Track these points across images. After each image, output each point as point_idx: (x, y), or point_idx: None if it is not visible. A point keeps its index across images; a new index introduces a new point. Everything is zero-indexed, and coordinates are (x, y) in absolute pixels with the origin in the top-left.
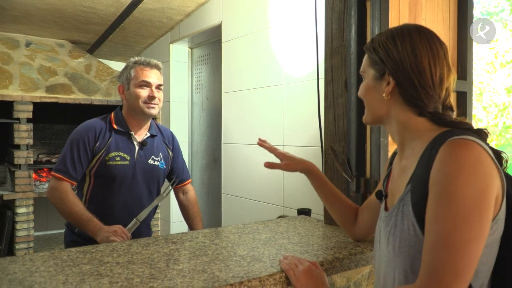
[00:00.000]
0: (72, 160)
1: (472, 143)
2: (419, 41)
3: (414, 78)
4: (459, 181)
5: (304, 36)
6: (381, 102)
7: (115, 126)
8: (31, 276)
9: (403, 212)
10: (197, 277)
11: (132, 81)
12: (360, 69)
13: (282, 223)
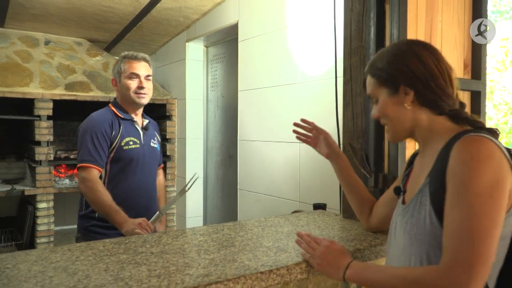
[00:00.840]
0: (95, 148)
1: (486, 139)
2: (418, 49)
3: (430, 82)
4: (474, 171)
5: (320, 36)
6: (405, 113)
7: (120, 115)
8: (73, 264)
9: (421, 202)
10: (229, 265)
11: (123, 74)
12: (368, 92)
13: (302, 217)
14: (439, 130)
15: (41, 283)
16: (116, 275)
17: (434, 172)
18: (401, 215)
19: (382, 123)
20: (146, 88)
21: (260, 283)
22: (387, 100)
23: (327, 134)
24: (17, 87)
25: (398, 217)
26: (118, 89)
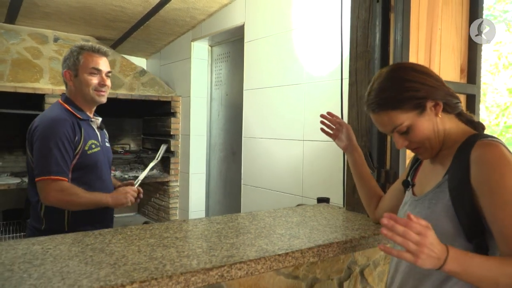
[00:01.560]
0: (63, 157)
1: (498, 144)
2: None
3: (444, 89)
4: (506, 175)
5: (325, 40)
6: (437, 126)
7: (78, 116)
8: (108, 246)
9: (438, 197)
10: (249, 249)
11: (81, 68)
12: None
13: (308, 209)
14: (455, 132)
15: (84, 261)
16: (150, 255)
17: (453, 171)
18: (413, 206)
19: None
20: (106, 86)
21: (278, 264)
22: (419, 122)
23: (349, 128)
24: (28, 82)
25: (409, 208)
26: (73, 84)
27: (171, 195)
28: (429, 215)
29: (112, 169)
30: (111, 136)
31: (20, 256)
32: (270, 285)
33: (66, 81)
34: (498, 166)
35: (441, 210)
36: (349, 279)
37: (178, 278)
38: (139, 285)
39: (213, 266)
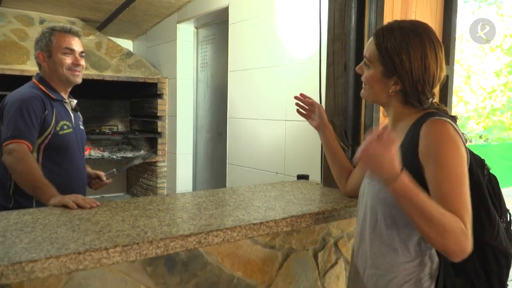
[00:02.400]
0: (26, 124)
1: (446, 122)
2: (428, 49)
3: (419, 86)
4: (448, 150)
5: (307, 22)
6: (385, 93)
7: (51, 95)
8: (94, 217)
9: None
10: (226, 219)
11: (54, 48)
12: (366, 54)
13: (287, 185)
14: (409, 113)
15: (71, 228)
16: (133, 224)
17: (405, 145)
18: (370, 180)
19: (362, 80)
20: (81, 65)
21: (253, 232)
22: (378, 76)
23: (321, 107)
24: (15, 64)
25: (367, 181)
26: (47, 64)
27: (158, 175)
28: (382, 187)
29: (100, 149)
30: (99, 117)
31: (12, 224)
32: (248, 254)
33: (40, 63)
34: (442, 141)
35: None
36: (324, 250)
37: (158, 243)
38: (121, 248)
39: (191, 233)
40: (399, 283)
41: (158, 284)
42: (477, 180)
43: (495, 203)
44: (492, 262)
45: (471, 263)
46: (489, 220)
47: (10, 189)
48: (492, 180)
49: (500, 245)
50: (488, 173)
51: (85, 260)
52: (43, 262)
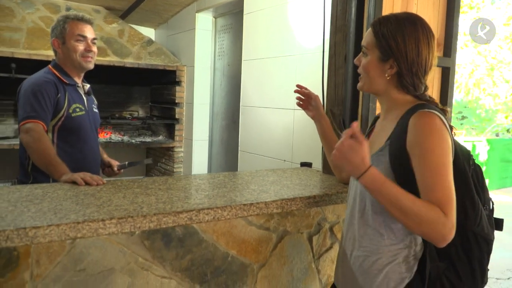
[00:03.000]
0: (40, 106)
1: (434, 114)
2: (421, 36)
3: (413, 68)
4: (433, 141)
5: (316, 12)
6: (381, 79)
7: (64, 80)
8: (99, 193)
9: (379, 159)
10: (219, 199)
11: (68, 35)
12: (363, 43)
13: (288, 171)
14: (403, 102)
15: (75, 202)
16: (132, 200)
17: (394, 136)
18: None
19: (359, 72)
20: (93, 52)
21: (243, 212)
22: (374, 61)
23: (317, 98)
24: (41, 50)
25: None
26: (61, 51)
27: (175, 160)
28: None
29: (120, 134)
30: (121, 103)
31: (23, 196)
32: (242, 234)
33: (55, 49)
34: (428, 133)
35: (381, 170)
36: (319, 234)
37: (152, 218)
38: (117, 220)
39: (183, 210)
40: (383, 263)
41: (155, 257)
42: (462, 170)
43: (479, 192)
44: (474, 248)
45: (454, 248)
46: (472, 208)
47: (28, 166)
48: (477, 171)
49: (482, 231)
50: (473, 164)
51: (83, 229)
52: (45, 229)
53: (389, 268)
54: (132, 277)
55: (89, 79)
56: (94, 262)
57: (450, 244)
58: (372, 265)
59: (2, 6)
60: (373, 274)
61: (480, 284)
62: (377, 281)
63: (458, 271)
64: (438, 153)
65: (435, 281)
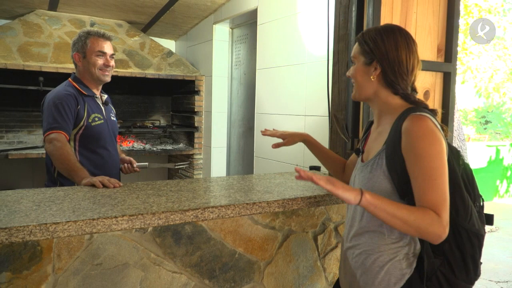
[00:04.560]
0: (62, 117)
1: (426, 117)
2: (399, 38)
3: (395, 66)
4: (425, 144)
5: (324, 22)
6: (369, 82)
7: (84, 91)
8: (115, 194)
9: (378, 163)
10: (224, 199)
11: (89, 51)
12: (351, 55)
13: (295, 174)
14: (393, 105)
15: (93, 202)
16: (144, 201)
17: (389, 141)
18: (360, 171)
19: (352, 82)
20: (110, 66)
21: (246, 210)
22: (360, 67)
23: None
24: (68, 63)
25: (358, 172)
26: (82, 64)
27: (195, 167)
28: (371, 178)
29: (143, 142)
30: (143, 112)
31: (47, 198)
32: (249, 233)
33: (75, 62)
34: (422, 136)
35: (379, 173)
36: (324, 233)
37: (160, 215)
38: (128, 217)
39: (189, 208)
40: (385, 260)
41: (166, 253)
42: (452, 169)
43: (469, 190)
44: (466, 243)
45: (447, 244)
46: (463, 205)
47: (54, 172)
48: (467, 170)
49: (473, 227)
50: (463, 163)
51: (98, 225)
52: (63, 224)
53: (390, 265)
54: (145, 272)
55: (112, 90)
56: (110, 257)
57: (443, 241)
58: (374, 262)
59: (30, 23)
60: (375, 271)
61: (473, 277)
62: (379, 277)
63: (452, 266)
64: (431, 156)
65: (431, 276)
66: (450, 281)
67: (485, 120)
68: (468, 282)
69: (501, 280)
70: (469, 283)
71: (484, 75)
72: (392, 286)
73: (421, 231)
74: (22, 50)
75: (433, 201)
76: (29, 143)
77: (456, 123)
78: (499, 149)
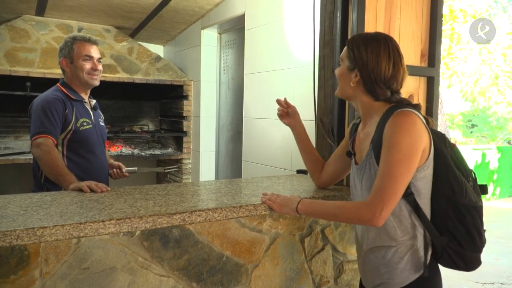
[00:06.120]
0: (50, 122)
1: (410, 112)
2: (382, 50)
3: (372, 76)
4: (399, 135)
5: (310, 28)
6: (349, 86)
7: (72, 96)
8: (102, 199)
9: (369, 163)
10: (211, 202)
11: (76, 55)
12: (340, 55)
13: (282, 178)
14: (376, 108)
15: (80, 206)
16: (131, 205)
17: (375, 139)
18: (357, 173)
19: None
20: (98, 70)
21: (232, 213)
22: (344, 70)
23: (294, 108)
24: (55, 69)
25: (355, 175)
26: (69, 70)
27: (184, 172)
28: (368, 179)
29: (131, 147)
30: (132, 117)
31: (34, 202)
32: (236, 236)
33: (63, 68)
34: (401, 128)
35: (373, 173)
36: (310, 236)
37: (147, 219)
38: (115, 221)
39: (176, 211)
40: (404, 251)
41: (154, 257)
42: (440, 153)
43: (460, 168)
44: (468, 217)
45: (450, 222)
46: (457, 183)
47: (41, 178)
48: (455, 150)
49: (470, 201)
50: (450, 144)
51: (85, 229)
52: (51, 229)
53: (409, 255)
54: (132, 275)
55: (101, 95)
56: (98, 261)
57: (446, 219)
58: (394, 255)
59: (17, 28)
60: (395, 262)
61: (480, 245)
62: (399, 268)
63: (459, 240)
64: (398, 148)
65: (442, 253)
66: (460, 254)
67: (471, 124)
68: (476, 251)
69: (487, 282)
70: (477, 252)
71: (470, 80)
72: (413, 273)
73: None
74: (9, 55)
75: (379, 186)
76: (16, 148)
77: (443, 127)
78: (485, 153)
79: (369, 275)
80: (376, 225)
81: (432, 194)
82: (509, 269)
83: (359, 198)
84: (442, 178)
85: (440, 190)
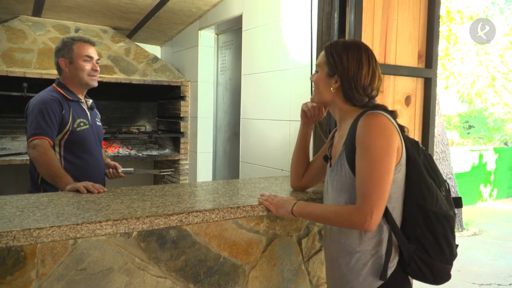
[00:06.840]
0: (46, 123)
1: (380, 114)
2: (363, 57)
3: (352, 83)
4: (372, 137)
5: (307, 28)
6: (328, 92)
7: (68, 97)
8: (99, 199)
9: (341, 164)
10: (209, 203)
11: (76, 56)
12: (317, 62)
13: (280, 178)
14: (351, 112)
15: (77, 207)
16: (128, 205)
17: (347, 140)
18: (329, 175)
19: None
20: (97, 71)
21: (230, 214)
22: (323, 77)
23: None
24: (52, 69)
25: (328, 177)
26: (68, 70)
27: (181, 172)
28: (339, 179)
29: (128, 148)
30: (129, 118)
31: (30, 203)
32: (233, 237)
33: (61, 68)
34: (372, 131)
35: (344, 173)
36: (308, 237)
37: (144, 220)
38: (112, 222)
39: (173, 212)
40: (367, 257)
41: (150, 258)
42: (413, 159)
43: (433, 176)
44: (437, 225)
45: (419, 229)
46: (428, 191)
47: (38, 179)
48: (428, 158)
49: (440, 210)
50: (423, 152)
51: (82, 230)
52: (47, 230)
53: (372, 261)
54: (129, 276)
55: (98, 96)
56: (94, 262)
57: (415, 226)
58: (357, 261)
59: (14, 29)
60: (359, 268)
61: (449, 257)
62: (363, 274)
63: (427, 249)
64: (375, 150)
65: (409, 261)
66: (428, 263)
67: (468, 125)
68: (445, 263)
69: (484, 283)
70: (446, 263)
71: (467, 81)
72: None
73: (345, 222)
74: (5, 56)
75: (365, 192)
76: (12, 149)
77: (440, 128)
78: (482, 154)
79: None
80: (368, 229)
81: (404, 200)
82: (506, 270)
83: (329, 199)
84: (414, 185)
85: (411, 196)
